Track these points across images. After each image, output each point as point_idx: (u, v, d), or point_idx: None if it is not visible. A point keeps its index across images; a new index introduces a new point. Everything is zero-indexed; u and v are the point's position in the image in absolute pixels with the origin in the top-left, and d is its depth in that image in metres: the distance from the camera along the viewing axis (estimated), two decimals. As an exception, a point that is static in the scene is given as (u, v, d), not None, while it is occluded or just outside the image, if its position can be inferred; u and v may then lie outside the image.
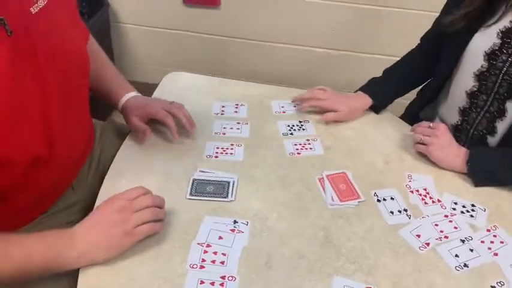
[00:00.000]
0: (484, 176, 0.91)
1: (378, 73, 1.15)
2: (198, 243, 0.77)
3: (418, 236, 0.81)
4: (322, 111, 1.09)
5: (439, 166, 0.96)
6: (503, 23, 0.89)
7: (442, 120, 1.09)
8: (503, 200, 0.90)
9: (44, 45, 0.71)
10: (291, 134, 1.04)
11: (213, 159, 0.96)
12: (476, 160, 0.92)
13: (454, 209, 0.86)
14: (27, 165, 0.71)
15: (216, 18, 1.98)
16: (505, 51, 0.89)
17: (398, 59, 1.19)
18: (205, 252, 0.75)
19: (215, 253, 0.75)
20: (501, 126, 0.95)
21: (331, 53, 1.99)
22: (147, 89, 1.15)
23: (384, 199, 0.88)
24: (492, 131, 0.97)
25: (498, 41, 0.90)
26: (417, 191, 0.90)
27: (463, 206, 0.87)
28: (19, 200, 0.77)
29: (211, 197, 0.86)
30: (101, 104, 1.02)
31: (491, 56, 0.91)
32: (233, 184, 0.89)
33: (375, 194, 0.89)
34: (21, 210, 0.81)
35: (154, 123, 0.99)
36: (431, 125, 0.97)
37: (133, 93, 1.02)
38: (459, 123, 1.03)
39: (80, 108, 0.90)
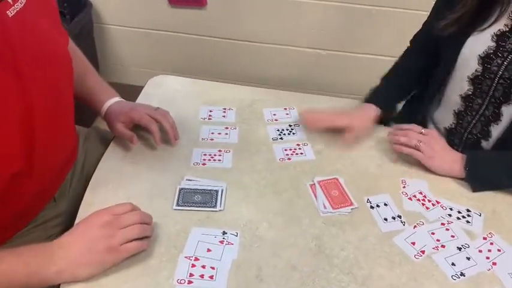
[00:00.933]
0: (482, 180, 0.90)
1: (369, 73, 1.13)
2: (185, 257, 0.73)
3: (413, 243, 0.79)
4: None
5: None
6: (498, 27, 0.87)
7: (435, 124, 1.07)
8: (498, 204, 0.88)
9: (24, 50, 0.67)
10: (281, 138, 1.01)
11: (200, 167, 0.92)
12: (474, 165, 0.90)
13: (450, 215, 0.84)
14: (6, 181, 0.68)
15: (203, 18, 1.94)
16: (500, 54, 0.87)
17: (389, 58, 1.17)
18: (193, 266, 0.72)
19: (203, 267, 0.72)
20: (495, 131, 0.93)
21: (321, 53, 1.97)
22: (131, 91, 1.12)
23: (377, 205, 0.86)
24: (486, 135, 0.95)
25: (493, 44, 0.88)
26: (414, 196, 0.88)
27: (459, 212, 0.85)
28: None
29: (199, 206, 0.83)
30: (85, 110, 0.98)
31: (485, 59, 0.89)
32: (221, 192, 0.86)
33: (368, 200, 0.87)
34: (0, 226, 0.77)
35: (138, 129, 0.96)
36: (423, 131, 0.95)
37: (117, 99, 0.98)
38: (453, 126, 1.01)
39: (65, 115, 0.85)
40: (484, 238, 0.81)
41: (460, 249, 0.78)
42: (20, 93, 0.66)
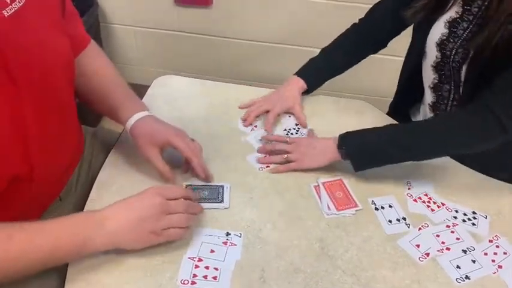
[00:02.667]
0: (360, 156, 0.88)
1: (371, 72, 1.12)
2: (189, 258, 0.73)
3: (418, 245, 0.78)
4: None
5: (436, 170, 0.93)
6: (450, 14, 0.91)
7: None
8: (504, 206, 0.87)
9: (18, 51, 0.66)
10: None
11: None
12: (347, 141, 0.88)
13: (455, 217, 0.84)
14: (6, 185, 0.68)
15: (208, 18, 1.94)
16: (452, 40, 0.90)
17: (391, 57, 1.18)
18: (197, 267, 0.72)
19: (207, 268, 0.72)
20: None
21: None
22: (137, 90, 1.11)
23: (382, 207, 0.85)
24: None
25: (445, 31, 0.91)
26: (420, 198, 0.88)
27: (464, 214, 0.85)
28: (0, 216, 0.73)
29: (207, 202, 0.83)
30: (90, 110, 0.98)
31: (441, 46, 0.92)
32: (227, 189, 0.86)
33: (373, 202, 0.86)
34: None
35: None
36: (287, 139, 0.96)
37: (145, 113, 0.89)
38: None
39: (65, 117, 0.84)
40: (490, 241, 0.80)
41: (465, 252, 0.77)
42: (10, 95, 0.65)
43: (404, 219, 0.83)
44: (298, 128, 1.05)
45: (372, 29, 1.11)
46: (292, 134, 1.03)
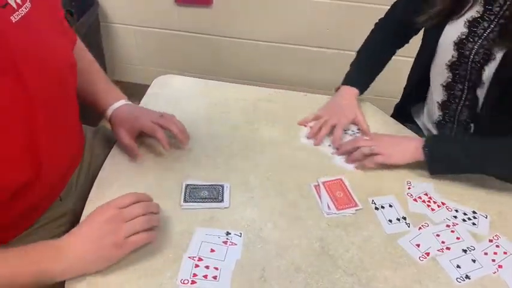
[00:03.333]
0: (441, 161, 0.89)
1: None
2: (189, 257, 0.73)
3: (418, 245, 0.78)
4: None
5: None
6: (471, 13, 0.91)
7: (424, 125, 1.10)
8: (504, 206, 0.87)
9: (26, 56, 0.65)
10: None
11: (205, 164, 0.92)
12: (435, 148, 0.89)
13: (455, 217, 0.84)
14: (13, 192, 0.68)
15: (209, 17, 1.95)
16: (471, 39, 0.90)
17: (394, 57, 1.17)
18: (197, 266, 0.72)
19: (207, 267, 0.72)
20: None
21: (327, 52, 1.96)
22: (138, 89, 1.12)
23: (382, 207, 0.85)
24: (475, 118, 0.97)
25: (465, 30, 0.91)
26: (420, 198, 0.88)
27: (464, 214, 0.84)
28: (2, 218, 0.73)
29: (207, 201, 0.83)
30: (91, 109, 0.98)
31: (459, 45, 0.92)
32: (227, 189, 0.86)
33: (373, 201, 0.86)
34: (4, 227, 0.77)
35: (145, 135, 0.95)
36: (366, 138, 0.97)
37: (123, 102, 0.95)
38: (440, 118, 1.03)
39: (69, 119, 0.85)
40: (490, 240, 0.80)
41: (465, 251, 0.77)
42: (22, 100, 0.65)
43: (404, 218, 0.83)
44: (359, 130, 1.06)
45: (394, 27, 1.13)
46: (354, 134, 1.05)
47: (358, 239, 0.79)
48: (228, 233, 0.78)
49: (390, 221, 0.83)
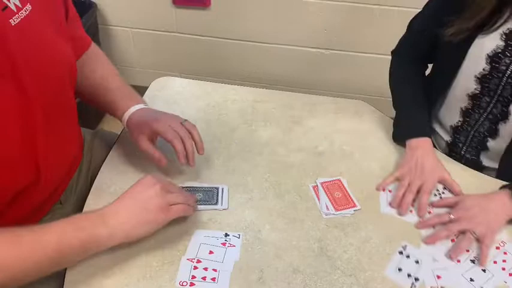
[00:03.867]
0: None
1: (372, 72, 1.11)
2: (187, 259, 0.73)
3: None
4: None
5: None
6: (508, 25, 0.86)
7: (440, 122, 1.06)
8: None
9: (25, 58, 0.65)
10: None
11: (203, 166, 0.92)
12: None
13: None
14: (13, 196, 0.68)
15: (207, 19, 1.95)
16: (508, 54, 0.86)
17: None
18: (196, 268, 0.72)
19: (206, 269, 0.72)
20: (504, 129, 0.92)
21: (324, 53, 1.97)
22: (137, 92, 1.12)
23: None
24: (494, 133, 0.94)
25: (502, 43, 0.86)
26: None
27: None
28: (2, 221, 0.73)
29: (201, 204, 0.83)
30: (90, 112, 0.98)
31: (493, 58, 0.87)
32: (223, 191, 0.86)
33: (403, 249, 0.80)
34: None
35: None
36: (450, 212, 0.83)
37: (141, 105, 0.90)
38: (459, 124, 1.00)
39: (68, 122, 0.85)
40: (497, 248, 0.79)
41: (473, 261, 0.76)
42: (20, 103, 0.65)
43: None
44: (443, 192, 0.91)
45: (416, 54, 1.06)
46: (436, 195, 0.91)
47: (356, 239, 0.79)
48: (226, 235, 0.78)
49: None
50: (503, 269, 0.75)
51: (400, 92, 1.06)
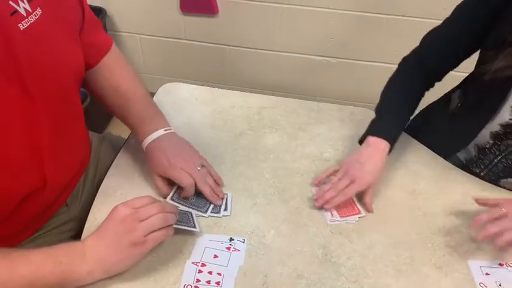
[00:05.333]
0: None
1: (378, 81, 1.10)
2: (192, 263, 0.74)
3: (421, 253, 0.78)
4: None
5: (442, 178, 0.93)
6: None
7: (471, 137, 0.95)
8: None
9: (32, 63, 0.65)
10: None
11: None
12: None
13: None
14: (20, 199, 0.69)
15: (214, 26, 1.96)
16: None
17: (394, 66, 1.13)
18: (200, 272, 0.72)
19: (210, 273, 0.72)
20: None
21: (331, 61, 1.98)
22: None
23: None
24: None
25: None
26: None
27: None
28: (7, 225, 0.74)
29: (190, 208, 0.83)
30: (97, 116, 0.99)
31: None
32: (227, 199, 0.87)
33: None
34: (11, 233, 0.78)
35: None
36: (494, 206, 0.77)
37: (159, 132, 0.89)
38: (488, 146, 0.92)
39: (74, 127, 0.85)
40: (500, 264, 0.78)
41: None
42: (26, 108, 0.65)
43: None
44: None
45: (424, 68, 0.99)
46: None
47: (360, 246, 0.80)
48: (231, 239, 0.79)
49: (393, 228, 0.82)
50: None
51: (387, 97, 1.00)
